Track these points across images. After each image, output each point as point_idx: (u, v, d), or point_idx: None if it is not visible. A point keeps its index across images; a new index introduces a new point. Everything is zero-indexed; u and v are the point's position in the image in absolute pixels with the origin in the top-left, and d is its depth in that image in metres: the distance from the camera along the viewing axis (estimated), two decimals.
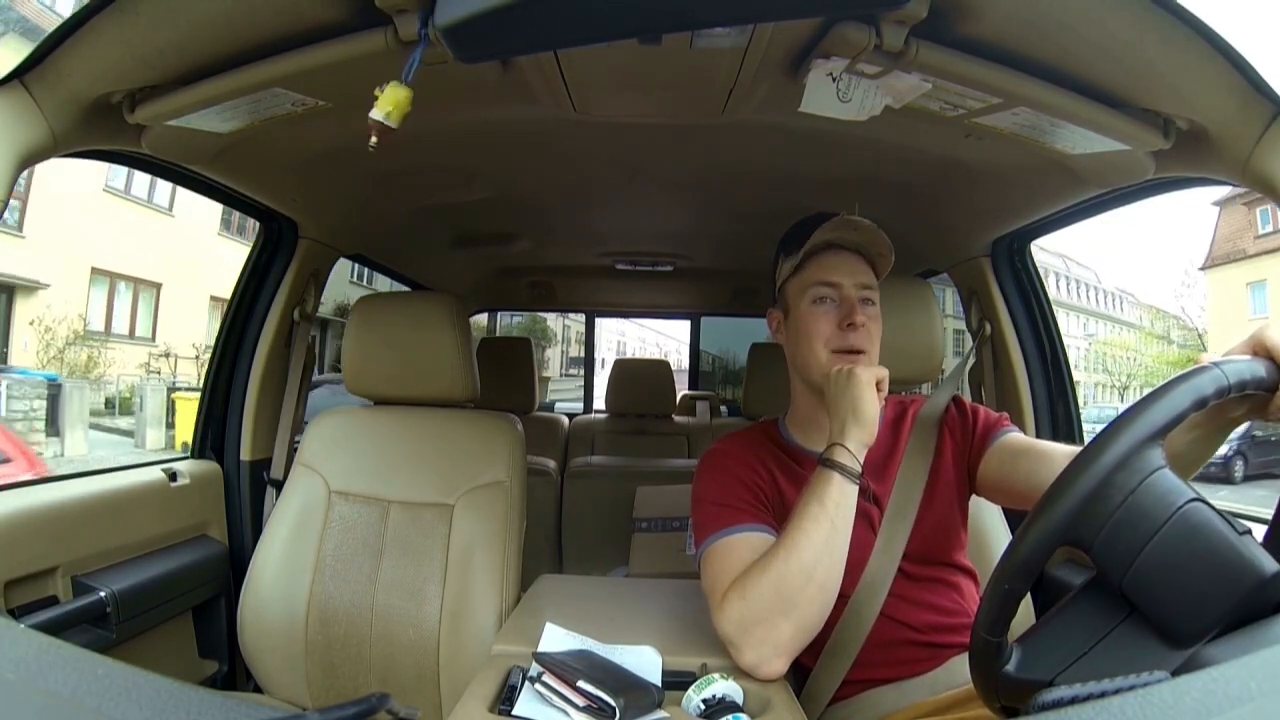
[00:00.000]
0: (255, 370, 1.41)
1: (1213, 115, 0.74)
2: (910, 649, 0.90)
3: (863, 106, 0.87)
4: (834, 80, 0.83)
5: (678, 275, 2.34)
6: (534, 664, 0.76)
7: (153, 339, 11.63)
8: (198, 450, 1.41)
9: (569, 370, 15.80)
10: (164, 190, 11.12)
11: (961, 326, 1.54)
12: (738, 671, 0.79)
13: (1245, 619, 0.49)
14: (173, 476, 1.27)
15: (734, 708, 0.71)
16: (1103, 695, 0.42)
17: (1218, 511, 0.51)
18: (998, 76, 0.78)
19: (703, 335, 3.27)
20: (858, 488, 0.84)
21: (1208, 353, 0.58)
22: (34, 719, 0.32)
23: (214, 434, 1.41)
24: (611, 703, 0.68)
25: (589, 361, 3.51)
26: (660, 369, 2.62)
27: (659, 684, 0.77)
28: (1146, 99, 0.78)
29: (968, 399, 1.05)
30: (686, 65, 0.88)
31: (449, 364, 1.25)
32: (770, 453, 0.99)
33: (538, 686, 0.73)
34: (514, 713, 0.71)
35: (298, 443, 1.37)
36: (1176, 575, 0.50)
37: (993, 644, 0.54)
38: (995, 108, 0.84)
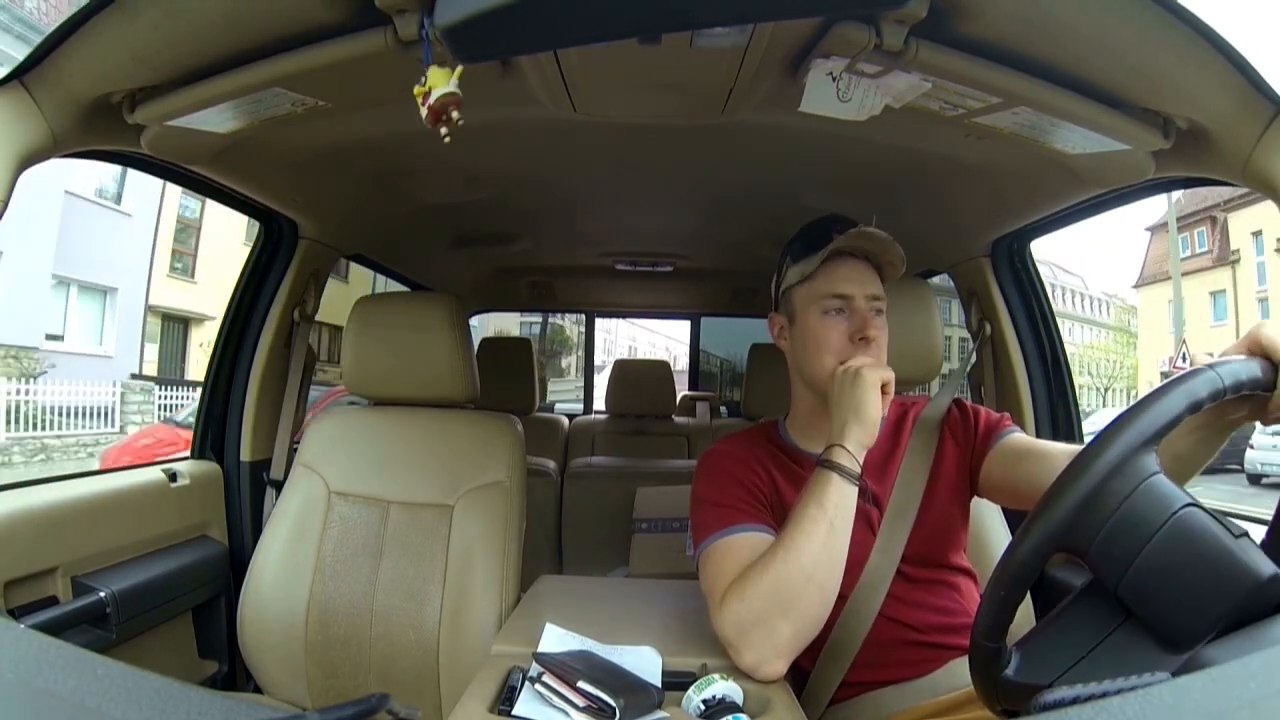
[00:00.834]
0: (255, 370, 1.41)
1: (1213, 115, 0.74)
2: (911, 649, 0.90)
3: (862, 106, 0.87)
4: (834, 80, 0.83)
5: (678, 275, 2.33)
6: (534, 664, 0.75)
7: None
8: (198, 450, 1.41)
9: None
10: None
11: (965, 335, 1.53)
12: (737, 672, 0.79)
13: (1242, 622, 0.48)
14: (173, 477, 1.27)
15: (734, 708, 0.70)
16: (1103, 695, 0.42)
17: (1214, 516, 0.51)
18: (997, 76, 0.78)
19: (710, 338, 3.26)
20: (857, 489, 0.84)
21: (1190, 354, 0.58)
22: (34, 719, 0.32)
23: (214, 434, 1.41)
24: (611, 703, 0.68)
25: (589, 362, 3.51)
26: (660, 370, 2.61)
27: (659, 684, 0.77)
28: (1146, 99, 0.78)
29: (968, 399, 1.05)
30: (686, 65, 0.88)
31: (449, 364, 1.25)
32: (770, 454, 0.99)
33: (538, 687, 0.72)
34: (514, 713, 0.71)
35: (298, 443, 1.38)
36: (1171, 580, 0.50)
37: (991, 649, 0.54)
38: (995, 107, 0.84)
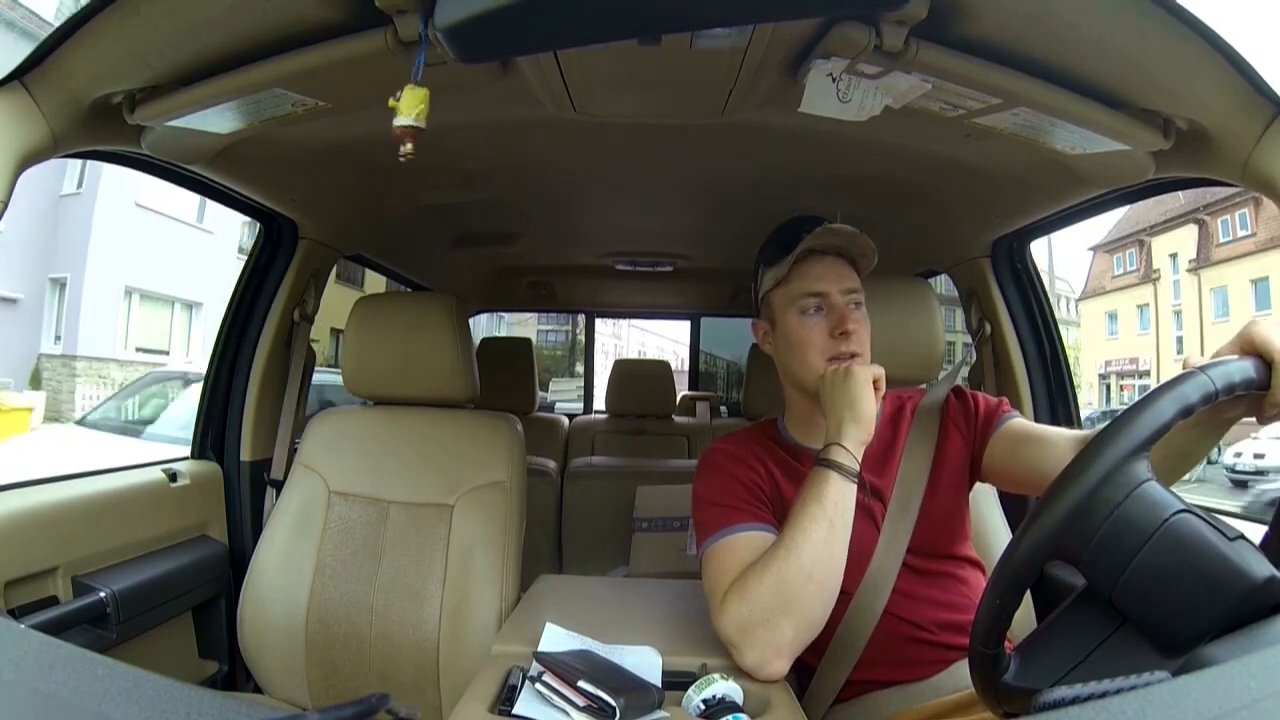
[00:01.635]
0: (255, 370, 1.41)
1: (1213, 115, 0.74)
2: (916, 648, 0.89)
3: (862, 107, 0.87)
4: (834, 80, 0.83)
5: (678, 275, 2.33)
6: (534, 664, 0.75)
7: None
8: (198, 450, 1.41)
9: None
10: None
11: (968, 340, 1.53)
12: (738, 672, 0.79)
13: (1240, 623, 0.48)
14: (173, 477, 1.27)
15: (734, 708, 0.70)
16: (1103, 695, 0.42)
17: (1208, 520, 0.51)
18: (997, 76, 0.78)
19: (717, 340, 3.26)
20: (855, 486, 0.84)
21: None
22: (34, 719, 0.32)
23: (214, 434, 1.41)
24: (611, 703, 0.68)
25: (589, 362, 3.51)
26: (660, 369, 2.61)
27: (659, 684, 0.77)
28: (1146, 99, 0.78)
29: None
30: (686, 65, 0.88)
31: (449, 364, 1.25)
32: (770, 451, 0.99)
33: (538, 686, 0.72)
34: (514, 713, 0.71)
35: (298, 443, 1.38)
36: (1165, 586, 0.50)
37: (990, 655, 0.54)
38: (995, 108, 0.84)
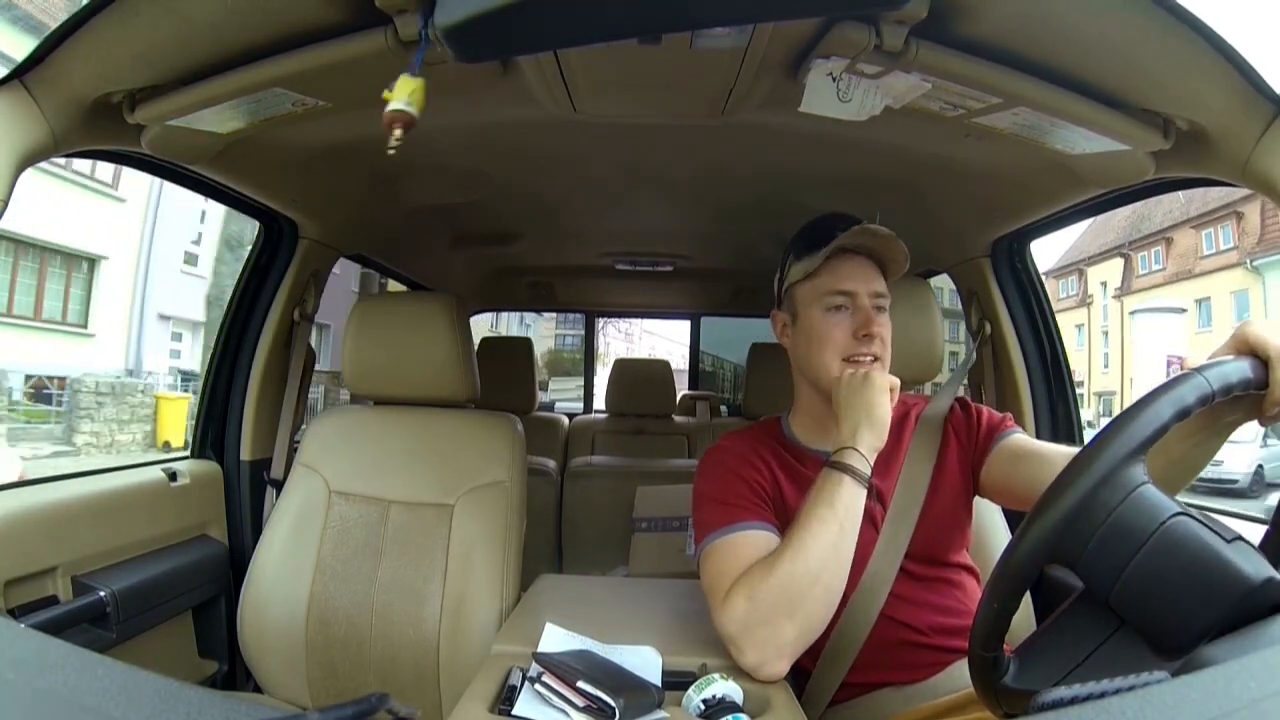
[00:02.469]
0: (255, 370, 1.41)
1: (1212, 115, 0.74)
2: (912, 651, 0.90)
3: (863, 106, 0.87)
4: (834, 80, 0.83)
5: (678, 275, 2.33)
6: (534, 664, 0.75)
7: None
8: (197, 450, 1.41)
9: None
10: None
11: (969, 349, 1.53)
12: (738, 671, 0.79)
13: (1239, 625, 0.48)
14: (173, 476, 1.27)
15: (734, 708, 0.70)
16: (1103, 695, 0.42)
17: (1205, 523, 0.51)
18: (997, 76, 0.78)
19: (721, 342, 3.25)
20: (866, 492, 0.84)
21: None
22: (34, 718, 0.32)
23: (214, 434, 1.41)
24: (611, 703, 0.68)
25: (589, 361, 3.50)
26: (660, 369, 2.61)
27: (659, 684, 0.77)
28: (1146, 99, 0.78)
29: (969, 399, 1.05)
30: (686, 65, 0.88)
31: (449, 364, 1.25)
32: (772, 451, 0.98)
33: (538, 686, 0.72)
34: (514, 713, 0.71)
35: (298, 442, 1.37)
36: (1162, 589, 0.50)
37: (989, 658, 0.54)
38: (995, 108, 0.84)
